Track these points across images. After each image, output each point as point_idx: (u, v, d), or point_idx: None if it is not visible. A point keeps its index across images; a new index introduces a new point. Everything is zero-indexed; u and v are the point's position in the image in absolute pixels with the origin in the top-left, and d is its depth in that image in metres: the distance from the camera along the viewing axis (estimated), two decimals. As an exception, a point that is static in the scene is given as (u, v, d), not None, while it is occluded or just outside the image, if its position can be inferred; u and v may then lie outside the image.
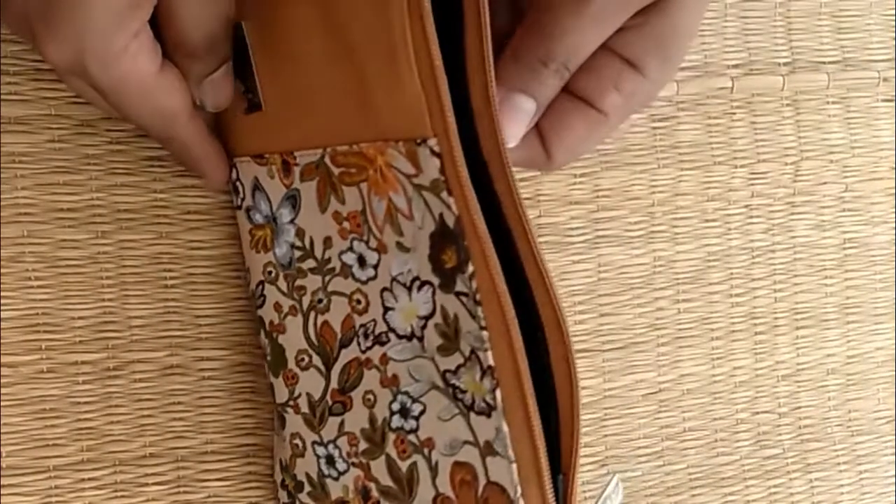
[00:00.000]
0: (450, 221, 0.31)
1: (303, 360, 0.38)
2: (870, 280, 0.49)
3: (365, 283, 0.35)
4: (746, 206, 0.47)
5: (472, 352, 0.32)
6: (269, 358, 0.39)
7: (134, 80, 0.32)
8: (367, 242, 0.35)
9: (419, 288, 0.33)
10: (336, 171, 0.34)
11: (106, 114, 0.38)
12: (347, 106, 0.33)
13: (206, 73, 0.34)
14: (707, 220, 0.46)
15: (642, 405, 0.46)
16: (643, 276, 0.46)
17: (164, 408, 0.41)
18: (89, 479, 0.40)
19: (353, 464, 0.37)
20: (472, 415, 0.32)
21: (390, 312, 0.34)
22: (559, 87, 0.35)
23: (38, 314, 0.39)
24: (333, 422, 0.37)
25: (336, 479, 0.38)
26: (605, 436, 0.45)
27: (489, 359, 0.31)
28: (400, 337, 0.34)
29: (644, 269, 0.46)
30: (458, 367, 0.33)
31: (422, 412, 0.34)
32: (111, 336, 0.40)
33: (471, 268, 0.31)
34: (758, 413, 0.47)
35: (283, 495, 0.40)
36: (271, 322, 0.39)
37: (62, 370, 0.40)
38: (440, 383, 0.33)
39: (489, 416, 0.32)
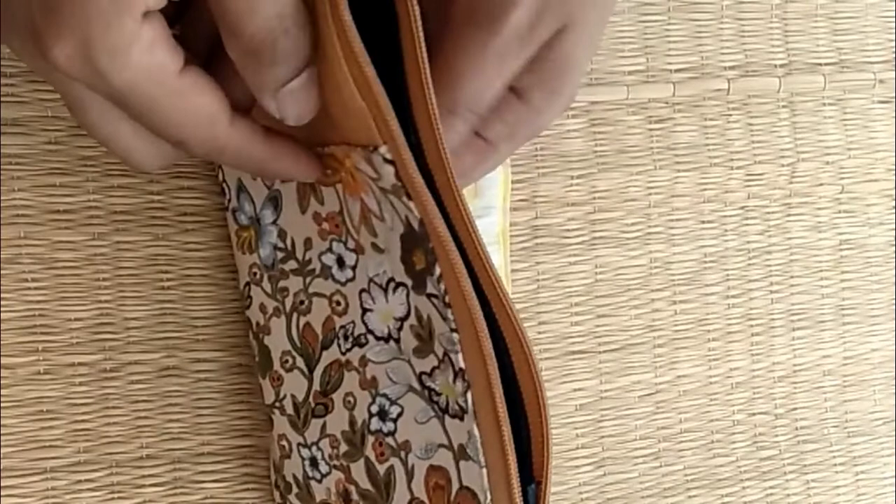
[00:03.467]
0: (415, 224, 0.31)
1: (287, 361, 0.38)
2: (866, 281, 0.49)
3: (344, 284, 0.35)
4: (743, 208, 0.47)
5: (445, 354, 0.31)
6: (257, 359, 0.39)
7: (152, 77, 0.28)
8: (345, 243, 0.34)
9: (394, 289, 0.33)
10: None
11: (123, 151, 0.32)
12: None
13: (282, 82, 0.29)
14: (703, 222, 0.46)
15: (639, 406, 0.46)
16: (640, 278, 0.46)
17: (160, 409, 0.41)
18: (86, 480, 0.40)
19: (335, 466, 0.37)
20: (447, 418, 0.32)
21: (368, 314, 0.34)
22: (468, 132, 0.34)
23: (34, 315, 0.39)
24: (316, 424, 0.37)
25: (319, 481, 0.38)
26: (602, 437, 0.45)
27: (460, 361, 0.31)
28: (378, 339, 0.34)
29: (641, 270, 0.46)
30: (433, 369, 0.32)
31: (399, 414, 0.34)
32: (108, 338, 0.40)
33: (438, 270, 0.30)
34: (754, 414, 0.47)
35: (276, 495, 0.40)
36: (257, 323, 0.39)
37: (59, 372, 0.40)
38: (416, 385, 0.33)
39: (462, 419, 0.31)
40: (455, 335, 0.31)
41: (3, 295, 0.39)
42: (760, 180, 0.47)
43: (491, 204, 0.42)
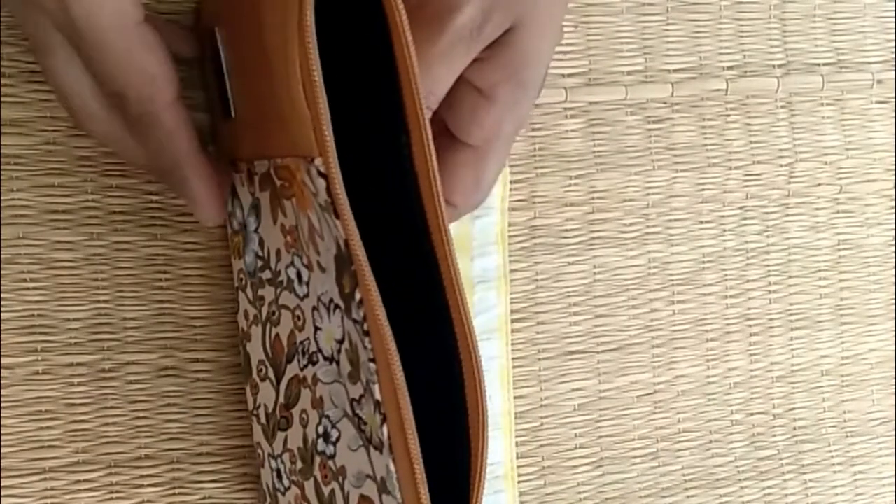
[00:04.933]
0: (342, 245, 0.30)
1: (261, 370, 0.37)
2: (864, 281, 0.49)
3: (302, 299, 0.34)
4: (741, 208, 0.47)
5: (368, 383, 0.31)
6: (242, 364, 0.39)
7: (109, 16, 0.30)
8: (301, 259, 0.34)
9: (333, 311, 0.32)
10: (278, 183, 0.34)
11: (76, 106, 0.34)
12: (276, 118, 0.32)
13: None
14: (702, 222, 0.46)
15: (637, 406, 0.46)
16: (638, 278, 0.46)
17: (158, 409, 0.41)
18: (84, 480, 0.40)
19: (293, 482, 0.36)
20: (371, 449, 0.31)
21: (318, 332, 0.33)
22: None
23: (33, 316, 0.39)
24: (280, 437, 0.37)
25: (283, 493, 0.37)
26: (600, 437, 0.46)
27: (377, 392, 0.30)
28: (325, 359, 0.33)
29: (639, 270, 0.46)
30: (361, 397, 0.31)
31: (338, 438, 0.33)
32: (106, 338, 0.40)
33: (359, 295, 0.30)
34: (752, 414, 0.47)
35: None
36: (242, 329, 0.38)
37: (57, 372, 0.40)
38: (350, 412, 0.32)
39: (382, 452, 0.30)
40: (372, 365, 0.30)
41: (1, 295, 0.39)
42: (759, 180, 0.47)
43: (490, 204, 0.42)
